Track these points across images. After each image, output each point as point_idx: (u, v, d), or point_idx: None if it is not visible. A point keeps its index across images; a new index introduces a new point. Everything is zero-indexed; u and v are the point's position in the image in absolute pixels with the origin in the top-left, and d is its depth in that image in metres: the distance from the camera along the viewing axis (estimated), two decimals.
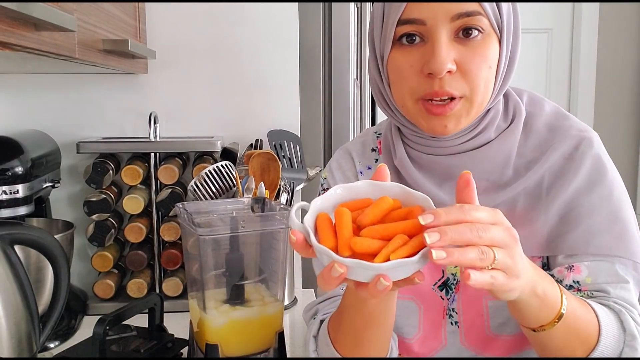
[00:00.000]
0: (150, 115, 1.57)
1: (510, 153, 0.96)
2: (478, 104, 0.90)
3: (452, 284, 1.01)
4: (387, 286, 0.64)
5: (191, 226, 1.08)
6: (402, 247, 0.65)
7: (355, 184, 0.75)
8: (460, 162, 0.96)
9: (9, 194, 1.32)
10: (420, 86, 0.89)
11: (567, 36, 3.65)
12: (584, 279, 0.93)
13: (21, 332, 0.96)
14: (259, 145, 1.66)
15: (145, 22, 1.62)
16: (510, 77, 0.95)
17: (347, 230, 0.68)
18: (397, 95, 0.94)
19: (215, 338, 1.09)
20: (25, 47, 0.82)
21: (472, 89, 0.88)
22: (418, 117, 0.92)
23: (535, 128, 0.99)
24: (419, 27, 0.88)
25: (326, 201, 0.74)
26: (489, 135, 0.97)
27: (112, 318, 1.11)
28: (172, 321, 1.32)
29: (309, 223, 0.70)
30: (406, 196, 0.72)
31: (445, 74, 0.86)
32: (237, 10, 1.68)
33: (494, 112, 0.98)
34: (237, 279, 1.12)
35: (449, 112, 0.89)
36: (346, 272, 0.65)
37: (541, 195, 0.96)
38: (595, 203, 0.94)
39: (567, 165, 0.96)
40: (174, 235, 1.58)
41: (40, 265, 1.26)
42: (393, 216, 0.70)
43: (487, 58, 0.89)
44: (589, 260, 0.93)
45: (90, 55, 1.11)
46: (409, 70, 0.89)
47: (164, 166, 1.56)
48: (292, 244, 0.69)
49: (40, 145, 1.50)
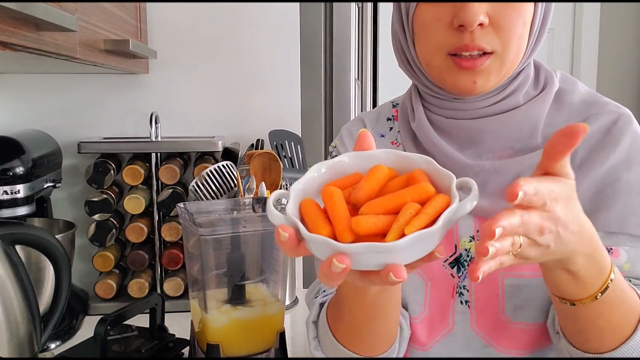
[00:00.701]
0: (152, 115, 1.57)
1: (538, 121, 0.90)
2: (510, 61, 0.85)
3: (464, 260, 0.92)
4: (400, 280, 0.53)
5: (192, 226, 1.08)
6: (417, 217, 0.54)
7: (339, 159, 0.63)
8: (484, 126, 0.90)
9: (10, 194, 1.32)
10: (448, 40, 0.83)
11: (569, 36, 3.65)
12: (621, 265, 0.85)
13: (22, 332, 0.95)
14: (260, 145, 1.66)
15: (147, 22, 1.62)
16: (543, 36, 0.89)
17: (343, 211, 0.56)
18: (423, 52, 0.88)
19: (216, 338, 1.08)
20: (27, 47, 0.82)
21: (505, 45, 0.83)
22: (444, 74, 0.86)
23: (568, 102, 0.93)
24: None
25: (308, 185, 0.62)
26: (517, 100, 0.91)
27: (113, 318, 1.11)
28: (173, 321, 1.32)
29: (293, 213, 0.58)
30: (402, 161, 0.62)
31: (476, 26, 0.80)
32: (238, 10, 1.68)
33: (523, 76, 0.92)
34: (238, 279, 1.12)
35: (479, 66, 0.83)
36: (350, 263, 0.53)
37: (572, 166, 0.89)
38: (633, 182, 0.87)
39: (604, 139, 0.88)
40: (175, 235, 1.58)
41: (41, 265, 1.26)
42: (391, 187, 0.59)
43: (523, 13, 0.83)
44: (628, 245, 0.86)
45: (92, 55, 1.11)
46: (437, 23, 0.83)
47: (165, 166, 1.56)
48: (282, 243, 0.56)
49: (42, 145, 1.50)
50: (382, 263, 0.53)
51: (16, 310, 0.95)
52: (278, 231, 0.56)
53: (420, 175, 0.59)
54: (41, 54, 0.90)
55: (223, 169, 1.41)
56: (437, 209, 0.55)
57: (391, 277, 0.53)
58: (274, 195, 0.61)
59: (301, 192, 0.60)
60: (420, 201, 0.55)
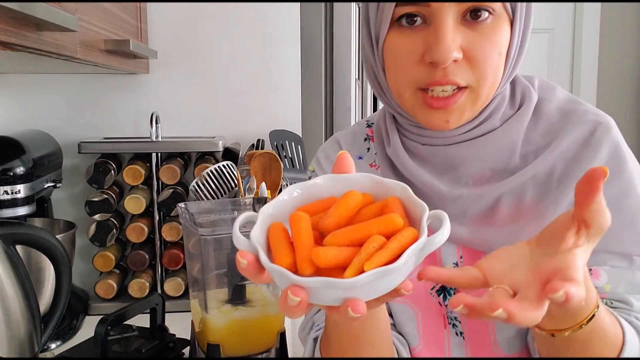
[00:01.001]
0: (152, 115, 1.57)
1: (516, 141, 0.86)
2: (485, 95, 0.81)
3: (451, 288, 0.89)
4: (357, 317, 0.50)
5: (193, 226, 1.08)
6: (379, 252, 0.51)
7: (314, 182, 0.60)
8: (461, 152, 0.86)
9: (10, 194, 1.32)
10: (419, 75, 0.78)
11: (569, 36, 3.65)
12: (602, 286, 0.82)
13: (22, 332, 0.95)
14: (261, 145, 1.66)
15: (147, 22, 1.62)
16: (520, 62, 0.85)
17: (307, 239, 0.53)
18: (393, 83, 0.83)
19: (216, 338, 1.08)
20: (27, 47, 0.82)
21: (480, 79, 0.78)
22: (415, 110, 0.82)
23: (546, 113, 0.89)
24: (422, 7, 0.76)
25: (280, 207, 0.59)
26: (494, 123, 0.87)
27: (114, 318, 1.11)
28: (174, 321, 1.32)
29: (259, 238, 0.55)
30: (378, 187, 0.59)
31: (450, 62, 0.75)
32: (238, 10, 1.68)
33: (499, 99, 0.88)
34: (239, 279, 1.12)
35: (452, 106, 0.79)
36: (306, 297, 0.50)
37: (551, 185, 0.85)
38: (613, 197, 0.79)
39: (581, 152, 0.85)
40: (175, 235, 1.58)
41: (41, 265, 1.26)
42: (364, 214, 0.56)
43: (498, 44, 0.78)
44: (609, 265, 0.82)
45: (92, 55, 1.11)
46: (408, 56, 0.78)
47: (165, 166, 1.56)
48: (242, 269, 0.54)
49: (42, 145, 1.50)
50: (341, 298, 0.51)
51: (16, 310, 0.95)
52: (237, 258, 0.54)
53: (394, 204, 0.56)
54: (41, 54, 0.90)
55: (223, 169, 1.41)
56: (402, 243, 0.52)
57: (350, 312, 0.50)
58: (242, 218, 0.58)
59: (269, 217, 0.58)
60: (387, 234, 0.53)
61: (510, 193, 0.85)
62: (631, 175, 0.84)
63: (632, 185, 0.84)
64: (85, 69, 1.50)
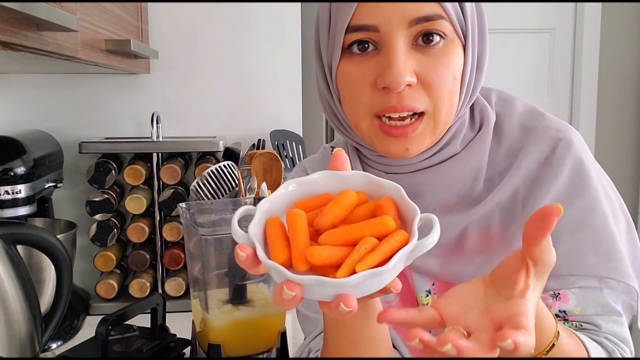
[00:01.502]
0: (153, 115, 1.57)
1: (480, 164, 0.85)
2: (443, 120, 0.79)
3: None
4: (349, 311, 0.52)
5: (193, 226, 1.08)
6: (370, 255, 0.53)
7: (311, 177, 0.61)
8: (424, 179, 0.85)
9: (11, 194, 1.32)
10: (374, 102, 0.77)
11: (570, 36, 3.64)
12: (571, 309, 0.82)
13: (23, 332, 0.95)
14: (262, 145, 1.66)
15: (148, 22, 1.62)
16: (478, 87, 0.83)
17: (302, 237, 0.55)
18: (349, 113, 0.82)
19: (217, 338, 1.08)
20: (28, 47, 0.82)
21: (436, 104, 0.77)
22: (373, 139, 0.80)
23: (506, 131, 0.87)
24: (372, 34, 0.76)
25: (277, 202, 0.60)
26: (455, 149, 0.85)
27: (115, 318, 1.11)
28: (175, 321, 1.32)
29: (256, 232, 0.57)
30: (373, 186, 0.60)
31: (404, 87, 0.74)
32: (239, 10, 1.68)
33: (459, 124, 0.86)
34: (240, 279, 1.12)
35: (410, 134, 0.77)
36: (301, 292, 0.53)
37: (517, 209, 0.84)
38: (577, 218, 0.82)
39: (543, 173, 0.83)
40: (176, 235, 1.58)
41: (42, 265, 1.26)
42: (358, 213, 0.58)
43: (451, 67, 0.77)
44: (577, 287, 0.81)
45: (93, 55, 1.11)
46: (361, 83, 0.77)
47: (166, 166, 1.56)
48: (240, 262, 0.56)
49: (43, 145, 1.50)
50: (333, 295, 0.53)
51: (17, 310, 0.95)
52: (237, 251, 0.56)
53: (387, 205, 0.58)
54: (42, 54, 0.90)
55: (224, 169, 1.41)
56: (393, 246, 0.54)
57: (342, 306, 0.52)
58: (240, 211, 0.60)
59: (266, 212, 0.59)
60: (379, 236, 0.55)
61: (479, 221, 0.84)
62: (595, 192, 0.83)
63: (596, 203, 0.82)
64: (86, 69, 1.50)
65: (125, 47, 1.21)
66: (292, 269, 0.54)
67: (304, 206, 0.59)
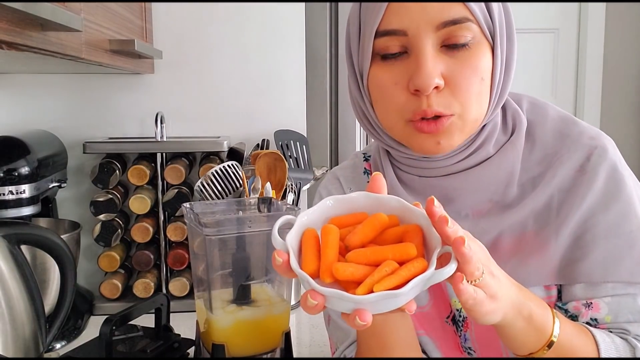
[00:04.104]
0: (157, 115, 1.57)
1: (513, 168, 0.87)
2: (472, 120, 0.81)
3: (459, 320, 0.91)
4: (363, 325, 0.58)
5: (198, 226, 1.08)
6: (389, 277, 0.59)
7: (349, 196, 0.67)
8: (456, 183, 0.86)
9: (15, 194, 1.32)
10: (408, 105, 0.79)
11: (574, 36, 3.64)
12: (602, 317, 0.83)
13: (27, 332, 0.96)
14: (266, 145, 1.66)
15: (152, 22, 1.62)
16: (508, 87, 0.85)
17: (332, 252, 0.61)
18: (383, 116, 0.84)
19: (221, 338, 1.08)
20: (32, 47, 0.82)
21: (464, 106, 0.79)
22: (408, 138, 0.83)
23: (539, 137, 0.89)
24: (400, 38, 0.78)
25: (315, 215, 0.66)
26: (488, 152, 0.87)
27: (119, 318, 1.11)
28: (179, 321, 1.32)
29: (293, 241, 0.63)
30: (404, 212, 0.65)
31: (432, 90, 0.76)
32: (243, 10, 1.68)
33: (491, 126, 0.87)
34: (244, 279, 1.12)
35: (440, 130, 0.79)
36: (323, 301, 0.59)
37: (551, 216, 0.85)
38: (612, 223, 0.82)
39: (578, 180, 0.84)
40: (180, 235, 1.58)
41: (46, 265, 1.26)
42: (387, 235, 0.64)
43: (479, 69, 0.79)
44: (609, 296, 0.82)
45: (97, 55, 1.11)
46: (394, 88, 0.80)
47: (170, 166, 1.56)
48: (276, 267, 0.62)
49: (47, 145, 1.50)
50: (351, 308, 0.59)
51: (21, 310, 0.95)
52: (274, 255, 0.62)
53: (414, 232, 0.63)
54: (47, 54, 0.90)
55: (228, 169, 1.41)
56: (411, 272, 0.59)
57: (357, 320, 0.58)
58: (281, 221, 0.66)
59: (304, 224, 0.65)
60: (401, 260, 0.60)
61: (513, 227, 0.86)
62: (630, 198, 0.84)
63: (631, 208, 0.83)
64: (91, 69, 1.50)
65: (130, 47, 1.21)
66: (318, 279, 0.61)
67: (340, 222, 0.65)
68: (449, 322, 0.92)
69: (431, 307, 0.93)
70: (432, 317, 0.93)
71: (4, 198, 1.32)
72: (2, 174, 1.31)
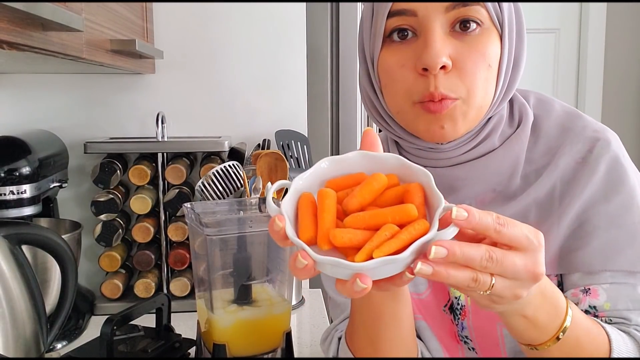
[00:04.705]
0: (158, 115, 1.57)
1: (517, 161, 0.88)
2: (477, 107, 0.82)
3: (457, 308, 0.92)
4: (364, 288, 0.55)
5: (199, 226, 1.08)
6: (389, 242, 0.56)
7: (345, 156, 0.64)
8: (462, 173, 0.88)
9: (16, 194, 1.32)
10: (415, 86, 0.80)
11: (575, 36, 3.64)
12: (601, 305, 0.83)
13: (28, 332, 0.96)
14: (267, 145, 1.66)
15: (153, 22, 1.62)
16: (516, 82, 0.86)
17: (329, 217, 0.58)
18: (391, 100, 0.85)
19: (222, 338, 1.08)
20: (33, 47, 0.82)
21: (470, 91, 0.80)
22: (415, 121, 0.83)
23: (544, 131, 0.90)
24: (410, 18, 0.80)
25: (311, 179, 0.63)
26: (493, 143, 0.88)
27: (120, 318, 1.11)
28: (180, 321, 1.32)
29: (288, 207, 0.60)
30: (404, 170, 0.62)
31: (439, 69, 0.77)
32: (244, 10, 1.68)
33: (497, 118, 0.89)
34: (245, 279, 1.12)
35: (444, 111, 0.80)
36: (313, 264, 0.56)
37: (553, 205, 0.86)
38: (613, 214, 0.83)
39: (580, 171, 0.85)
40: (181, 235, 1.58)
41: (47, 265, 1.26)
42: (386, 196, 0.61)
43: (486, 55, 0.80)
44: (608, 283, 0.83)
45: (98, 56, 1.11)
46: (401, 69, 0.81)
47: (171, 166, 1.56)
48: (273, 232, 0.58)
49: (48, 145, 1.50)
50: (349, 275, 0.56)
51: (22, 310, 0.95)
52: (274, 220, 0.58)
53: (415, 190, 0.60)
54: (47, 54, 0.90)
55: (229, 169, 1.41)
56: (412, 235, 0.56)
57: (357, 283, 0.55)
58: (276, 185, 0.63)
59: (300, 189, 0.62)
60: (401, 223, 0.57)
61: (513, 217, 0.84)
62: (632, 190, 0.85)
63: (633, 201, 0.84)
64: (91, 69, 1.50)
65: (131, 47, 1.21)
66: (316, 247, 0.57)
67: (337, 184, 0.62)
68: (447, 310, 0.93)
69: (429, 294, 0.94)
70: (430, 305, 0.94)
71: (5, 198, 1.32)
72: (3, 174, 1.31)
